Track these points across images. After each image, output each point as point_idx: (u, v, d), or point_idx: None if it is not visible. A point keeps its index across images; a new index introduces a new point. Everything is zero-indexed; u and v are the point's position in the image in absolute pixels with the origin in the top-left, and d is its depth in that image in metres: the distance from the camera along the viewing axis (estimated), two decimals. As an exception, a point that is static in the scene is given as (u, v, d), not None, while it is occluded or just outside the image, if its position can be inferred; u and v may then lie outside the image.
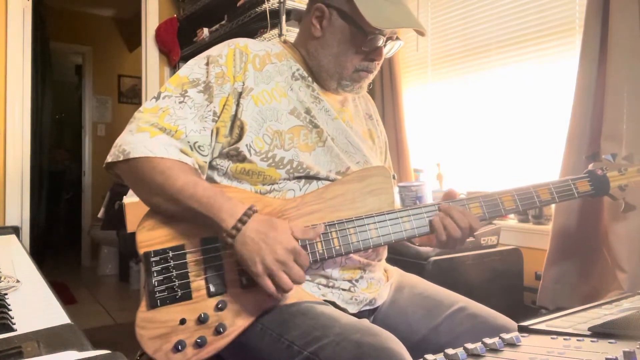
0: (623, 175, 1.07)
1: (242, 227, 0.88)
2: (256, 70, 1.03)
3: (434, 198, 2.15)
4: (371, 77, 1.09)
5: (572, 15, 1.91)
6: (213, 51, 1.04)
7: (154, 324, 0.88)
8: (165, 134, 0.95)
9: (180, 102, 0.98)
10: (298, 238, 0.90)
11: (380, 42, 1.02)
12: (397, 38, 1.06)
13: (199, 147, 0.98)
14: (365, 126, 1.19)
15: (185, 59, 2.99)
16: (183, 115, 0.97)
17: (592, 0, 1.65)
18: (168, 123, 0.96)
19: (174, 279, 0.91)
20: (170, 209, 0.94)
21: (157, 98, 1.00)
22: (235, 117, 1.00)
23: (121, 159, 0.94)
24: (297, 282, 0.87)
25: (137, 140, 0.94)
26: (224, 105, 0.99)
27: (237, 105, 1.00)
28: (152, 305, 0.89)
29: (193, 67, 1.03)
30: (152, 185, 0.94)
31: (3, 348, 0.58)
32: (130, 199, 1.44)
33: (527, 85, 2.08)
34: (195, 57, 1.05)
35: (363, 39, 1.01)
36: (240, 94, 1.00)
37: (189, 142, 0.96)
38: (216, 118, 0.99)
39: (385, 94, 2.56)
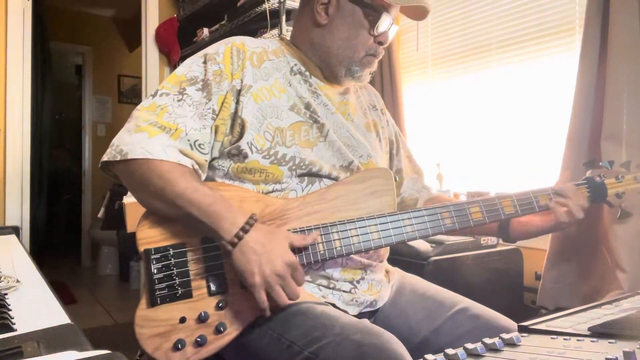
0: (620, 182, 1.09)
1: (244, 235, 0.87)
2: (254, 67, 1.03)
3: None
4: (375, 64, 1.10)
5: (572, 15, 1.91)
6: (210, 49, 1.03)
7: (154, 323, 0.88)
8: (164, 133, 0.93)
9: (178, 100, 0.97)
10: (300, 246, 0.90)
11: (390, 23, 1.04)
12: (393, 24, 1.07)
13: (199, 145, 0.97)
14: (369, 117, 1.19)
15: (185, 59, 2.99)
16: (182, 113, 0.96)
17: (592, 0, 1.65)
18: (167, 121, 0.94)
19: (174, 277, 0.91)
20: (170, 213, 0.93)
21: (154, 95, 0.98)
22: (235, 115, 0.99)
23: (118, 159, 0.92)
24: (291, 298, 0.87)
25: (136, 140, 0.92)
26: (222, 103, 0.99)
27: (237, 102, 0.99)
28: (152, 303, 0.89)
29: (191, 66, 1.02)
30: (150, 188, 0.92)
31: (3, 348, 0.58)
32: (130, 199, 1.44)
33: (527, 85, 2.08)
34: (192, 56, 1.05)
35: (373, 21, 1.03)
36: (239, 92, 1.00)
37: (189, 140, 0.95)
38: (215, 116, 0.98)
39: (386, 94, 2.56)
